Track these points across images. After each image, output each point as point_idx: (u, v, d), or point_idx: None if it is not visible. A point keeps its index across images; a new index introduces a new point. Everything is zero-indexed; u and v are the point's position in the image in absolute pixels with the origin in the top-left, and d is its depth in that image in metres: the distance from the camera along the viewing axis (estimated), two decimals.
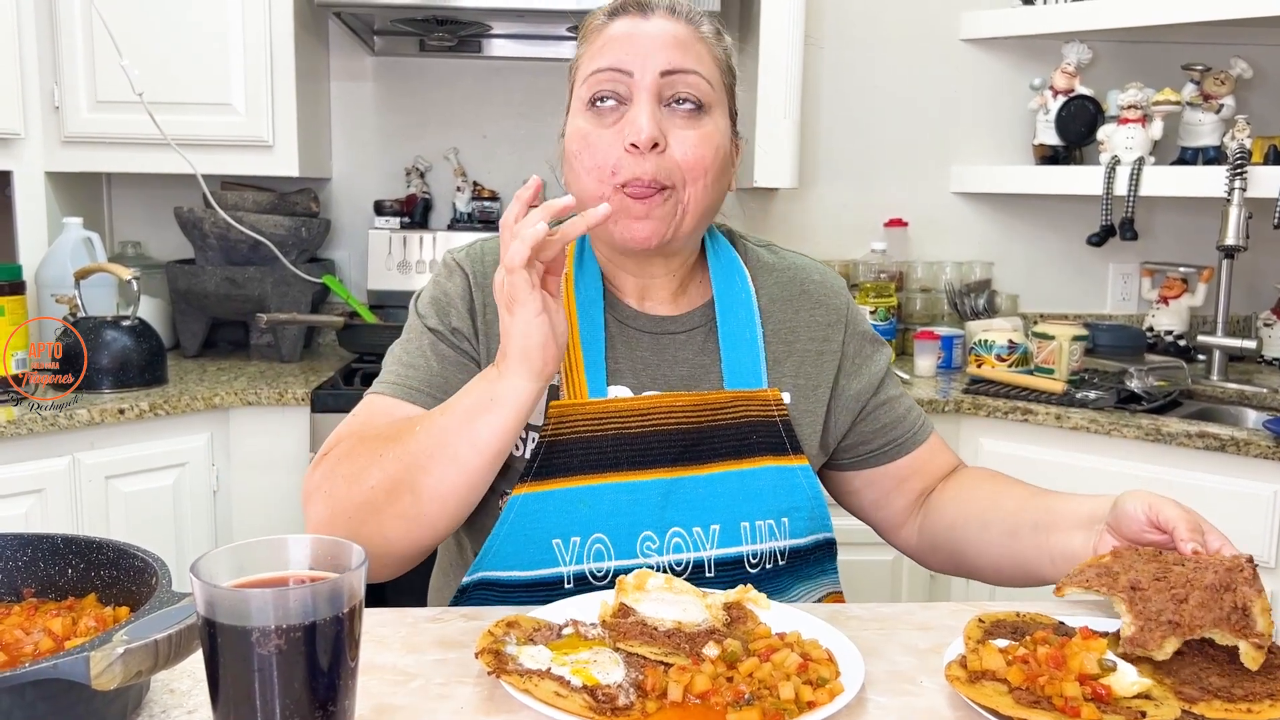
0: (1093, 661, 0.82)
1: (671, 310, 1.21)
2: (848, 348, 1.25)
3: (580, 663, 0.87)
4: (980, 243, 3.05)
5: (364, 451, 1.04)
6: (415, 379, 1.14)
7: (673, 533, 1.12)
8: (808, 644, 0.91)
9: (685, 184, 1.09)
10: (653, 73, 1.07)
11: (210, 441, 2.31)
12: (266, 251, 2.57)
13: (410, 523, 1.02)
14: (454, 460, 0.99)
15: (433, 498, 1.00)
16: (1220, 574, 0.90)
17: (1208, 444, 2.08)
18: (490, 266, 1.18)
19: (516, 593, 1.10)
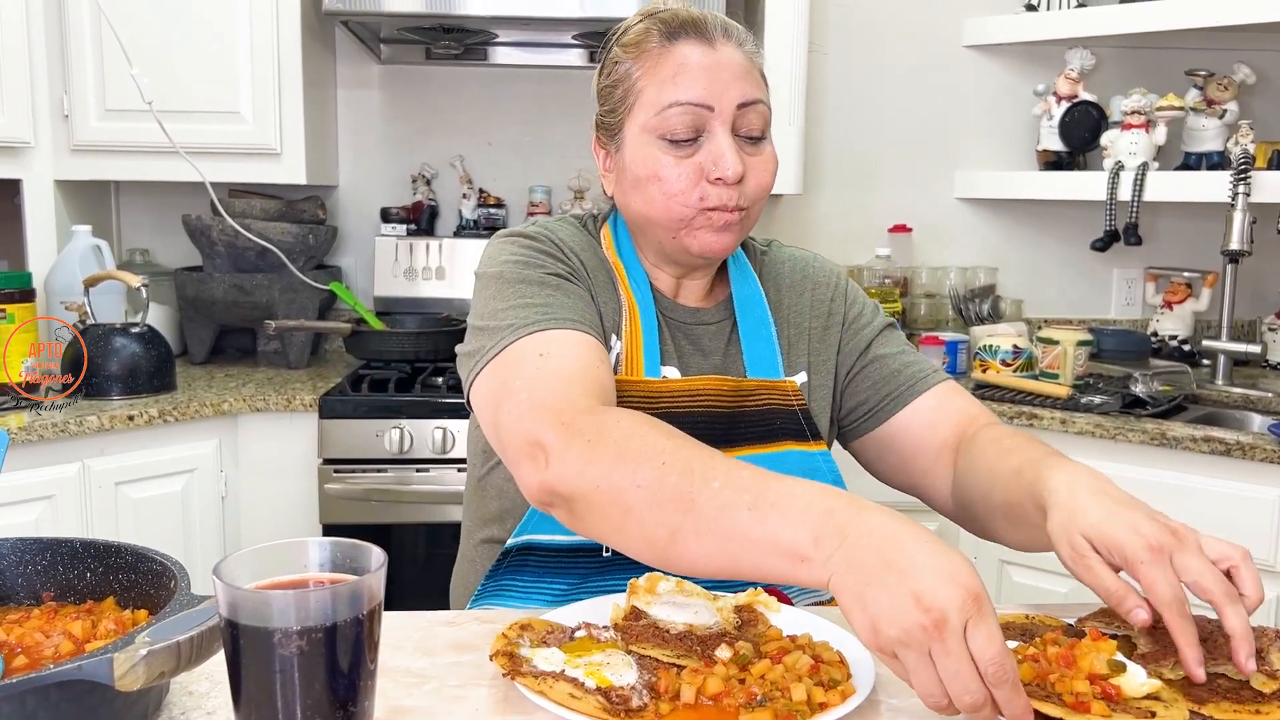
0: (1102, 662, 0.83)
1: (703, 304, 1.27)
2: (849, 313, 1.31)
3: (594, 665, 0.88)
4: (984, 248, 3.06)
5: (649, 448, 0.88)
6: (563, 310, 1.08)
7: None
8: (819, 646, 0.92)
9: (754, 204, 1.16)
10: (731, 106, 1.12)
11: (219, 448, 2.32)
12: (274, 259, 2.58)
13: (649, 549, 0.88)
14: (733, 562, 0.83)
15: (684, 554, 0.86)
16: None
17: (1213, 448, 2.09)
18: (566, 236, 1.21)
19: (556, 558, 1.14)
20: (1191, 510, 2.11)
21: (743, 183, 1.13)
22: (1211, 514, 2.09)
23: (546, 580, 1.14)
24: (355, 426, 2.28)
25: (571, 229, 1.24)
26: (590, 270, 1.20)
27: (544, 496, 0.94)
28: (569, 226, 1.25)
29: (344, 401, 2.29)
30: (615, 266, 1.22)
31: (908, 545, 0.74)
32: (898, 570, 0.73)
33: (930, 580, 0.71)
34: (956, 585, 0.71)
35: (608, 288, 1.21)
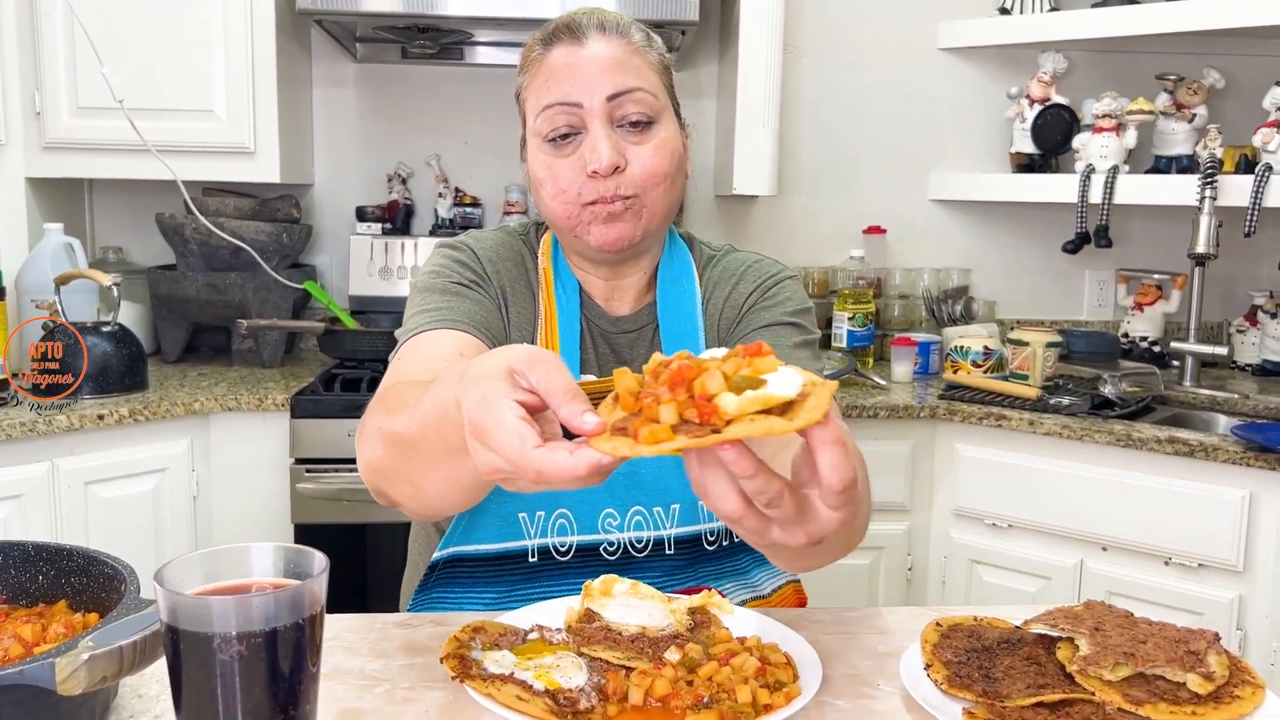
0: (715, 380, 0.65)
1: (626, 311, 1.25)
2: (758, 303, 1.23)
3: (543, 667, 0.89)
4: (958, 250, 3.08)
5: (382, 406, 0.94)
6: (452, 314, 1.12)
7: (634, 510, 1.16)
8: (767, 648, 0.93)
9: (646, 191, 1.14)
10: (599, 99, 1.11)
11: (190, 447, 2.32)
12: (248, 257, 2.58)
13: (418, 504, 0.93)
14: (452, 479, 0.86)
15: (436, 495, 0.90)
16: (1183, 632, 0.93)
17: (1177, 449, 2.11)
18: (488, 246, 1.23)
19: (483, 566, 1.14)
20: (1157, 511, 2.14)
21: (625, 172, 1.12)
22: (1177, 514, 2.12)
23: (476, 590, 1.15)
24: (327, 426, 2.28)
25: (500, 238, 1.25)
26: (508, 280, 1.21)
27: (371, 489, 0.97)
28: (498, 236, 1.25)
29: (316, 401, 2.29)
30: (545, 274, 1.22)
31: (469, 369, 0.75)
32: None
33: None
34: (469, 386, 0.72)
35: (525, 297, 1.21)
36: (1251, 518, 2.06)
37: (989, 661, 0.93)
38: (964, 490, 2.40)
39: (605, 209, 1.12)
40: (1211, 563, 2.10)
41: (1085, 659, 0.89)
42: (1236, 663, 0.91)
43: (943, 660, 0.93)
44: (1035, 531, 2.31)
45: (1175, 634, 0.92)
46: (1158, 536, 2.15)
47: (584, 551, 1.14)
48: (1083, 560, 2.25)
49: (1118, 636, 0.91)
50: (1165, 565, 2.16)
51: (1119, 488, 2.19)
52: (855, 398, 2.43)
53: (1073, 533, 2.25)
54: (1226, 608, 2.09)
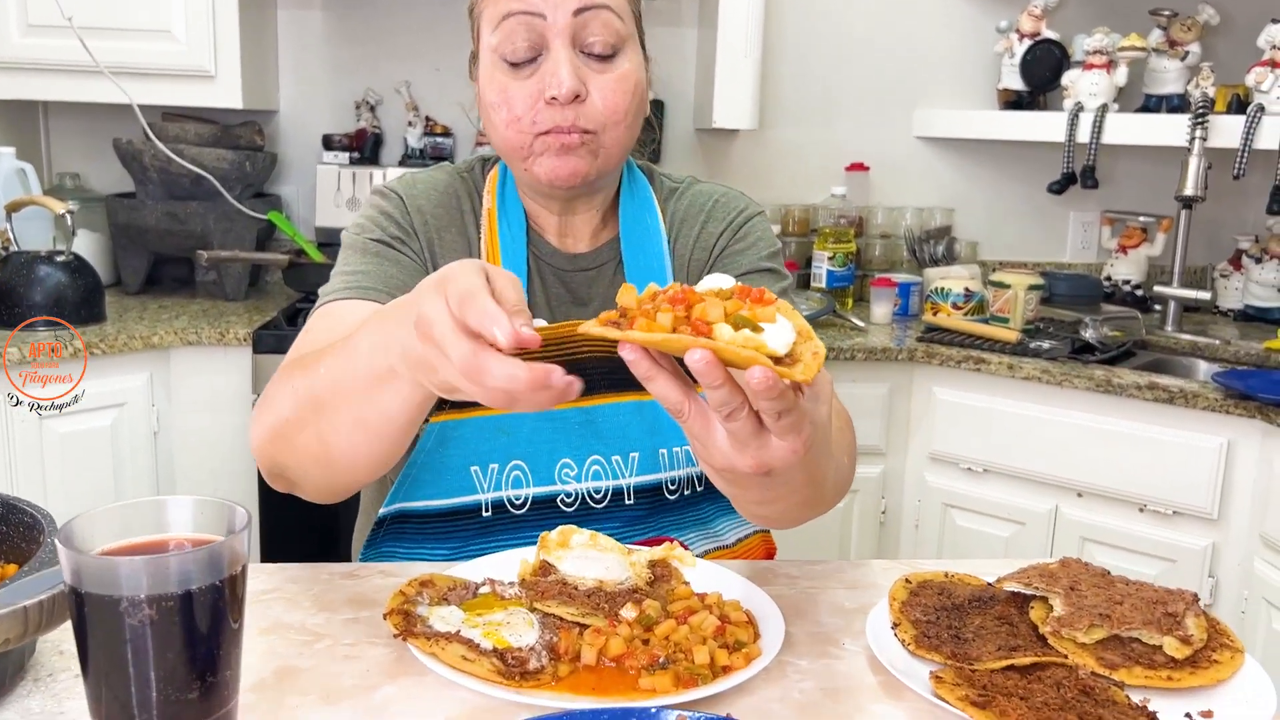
0: (716, 309, 0.66)
1: (584, 248, 1.18)
2: (730, 247, 1.18)
3: (492, 624, 0.84)
4: (942, 189, 3.02)
5: (285, 374, 0.94)
6: (367, 280, 1.07)
7: (592, 460, 1.11)
8: (728, 605, 0.89)
9: (606, 128, 1.06)
10: (565, 12, 1.03)
11: (150, 381, 2.25)
12: (209, 186, 2.49)
13: (320, 465, 0.92)
14: (362, 424, 0.86)
15: (340, 450, 0.89)
16: (1161, 593, 0.89)
17: (1157, 396, 2.08)
18: (421, 191, 1.16)
19: (433, 523, 1.09)
20: (1134, 457, 2.11)
21: (585, 103, 1.04)
22: (1154, 461, 2.09)
23: (427, 546, 1.10)
24: None
25: (437, 180, 1.17)
26: (438, 229, 1.13)
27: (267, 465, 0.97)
28: (435, 178, 1.18)
29: (278, 336, 2.23)
30: (489, 215, 1.15)
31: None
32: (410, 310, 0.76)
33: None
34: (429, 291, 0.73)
35: (459, 244, 1.14)
36: (1228, 466, 2.04)
37: (959, 621, 0.89)
38: (940, 434, 2.37)
39: (559, 140, 1.04)
40: (1186, 510, 2.08)
41: (1059, 620, 0.86)
42: (1215, 625, 0.88)
43: (911, 619, 0.89)
44: (1010, 476, 2.28)
45: (1153, 595, 0.88)
46: (1134, 483, 2.13)
47: (540, 504, 1.09)
48: (1057, 506, 2.23)
49: (1093, 597, 0.88)
50: (1140, 512, 2.14)
51: (1097, 433, 2.16)
52: (833, 339, 2.38)
53: (1048, 478, 2.23)
54: (1199, 555, 2.08)
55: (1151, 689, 0.80)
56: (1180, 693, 0.81)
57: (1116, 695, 0.78)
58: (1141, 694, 0.80)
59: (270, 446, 0.95)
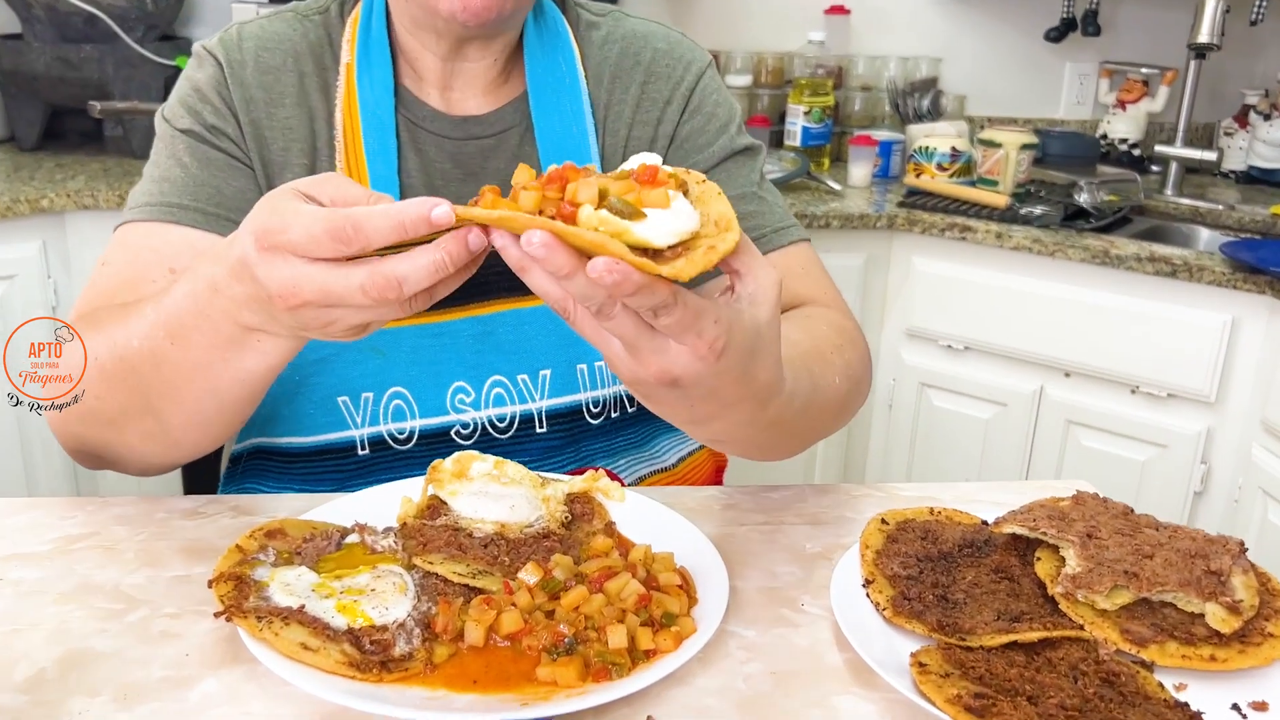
0: (588, 189, 0.56)
1: (481, 107, 0.94)
2: (681, 130, 0.97)
3: (353, 591, 0.66)
4: (929, 36, 2.74)
5: (93, 347, 0.77)
6: (173, 193, 0.87)
7: (493, 382, 0.90)
8: (658, 562, 0.70)
9: None
10: None
11: (43, 250, 2.01)
12: (105, 27, 2.19)
13: (159, 443, 0.79)
14: (213, 393, 0.72)
15: (181, 426, 0.76)
16: (1200, 542, 0.70)
17: (1159, 269, 1.89)
18: (249, 52, 0.90)
19: (300, 462, 0.89)
20: (1129, 334, 1.94)
21: None
22: (1150, 339, 1.92)
23: (294, 488, 0.90)
24: None
25: (275, 30, 0.92)
26: (266, 102, 0.89)
27: (71, 444, 0.83)
28: (273, 26, 0.92)
29: None
30: (348, 70, 0.90)
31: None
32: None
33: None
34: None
35: (302, 112, 0.90)
36: (1231, 345, 1.87)
37: (947, 575, 0.72)
38: (919, 308, 2.18)
39: None
40: (1182, 393, 1.92)
41: (1074, 579, 0.68)
42: (1267, 583, 0.70)
43: (887, 574, 0.71)
44: (993, 355, 2.11)
45: (1189, 544, 0.70)
46: (1127, 362, 1.96)
47: (430, 438, 0.89)
48: (1043, 386, 2.07)
49: (1116, 547, 0.70)
50: (1132, 394, 1.97)
51: (1089, 309, 1.98)
52: (806, 204, 2.16)
53: (1034, 356, 2.06)
54: (1193, 440, 1.93)
55: (1190, 671, 0.64)
56: (1226, 676, 0.64)
57: (1148, 684, 0.61)
58: (1177, 677, 0.63)
59: (80, 428, 0.79)
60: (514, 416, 0.90)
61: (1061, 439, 2.06)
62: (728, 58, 2.64)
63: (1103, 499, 0.76)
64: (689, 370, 0.59)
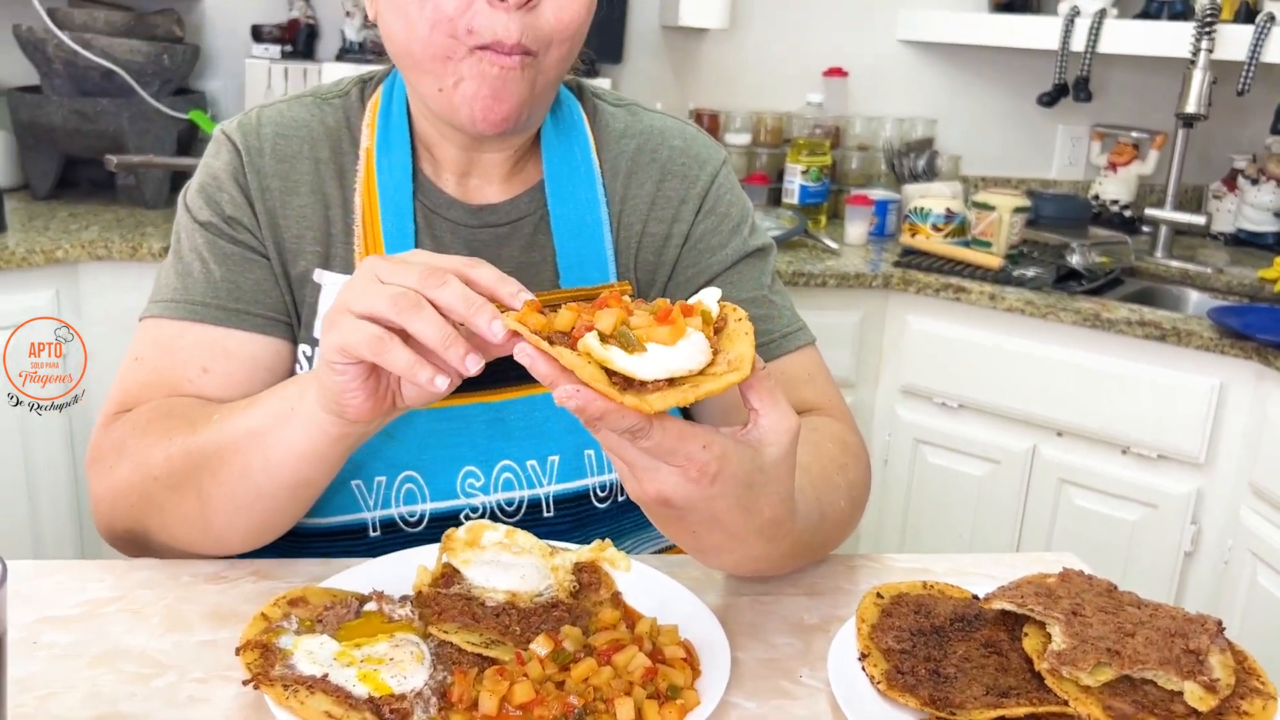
0: (607, 319, 0.62)
1: (498, 195, 0.97)
2: (696, 229, 1.00)
3: (373, 660, 0.69)
4: (924, 98, 2.81)
5: (154, 430, 0.85)
6: (198, 290, 0.91)
7: (502, 466, 0.93)
8: (663, 634, 0.74)
9: (550, 47, 0.84)
10: None
11: (57, 299, 2.05)
12: (121, 82, 2.25)
13: (198, 531, 0.83)
14: (245, 475, 0.79)
15: (223, 510, 0.81)
16: (1179, 621, 0.74)
17: (1148, 333, 1.93)
18: (267, 138, 0.94)
19: (315, 541, 0.92)
20: (1120, 396, 1.98)
21: (535, 11, 0.82)
22: (1141, 401, 1.96)
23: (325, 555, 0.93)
24: None
25: (294, 116, 0.95)
26: (282, 191, 0.93)
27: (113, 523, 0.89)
28: (292, 112, 0.95)
29: None
30: (367, 156, 0.94)
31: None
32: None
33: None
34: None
35: (318, 199, 0.93)
36: (1219, 408, 1.91)
37: (939, 649, 0.75)
38: (914, 366, 2.22)
39: (497, 62, 0.82)
40: (1172, 454, 1.96)
41: (1059, 656, 0.71)
42: (1243, 661, 0.74)
43: (882, 648, 0.74)
44: (987, 413, 2.15)
45: (1170, 624, 0.74)
46: (1118, 423, 2.00)
47: (440, 520, 0.91)
48: (1036, 445, 2.10)
49: (1099, 625, 0.73)
50: (1123, 454, 2.01)
51: (1081, 370, 2.02)
52: (803, 262, 2.21)
53: (1027, 415, 2.10)
54: (1183, 502, 1.96)
55: None
56: None
57: None
58: None
59: (125, 506, 0.84)
60: (522, 501, 0.93)
61: (1054, 498, 2.10)
62: (727, 117, 2.70)
63: (1088, 576, 0.80)
64: (679, 491, 0.64)
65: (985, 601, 0.78)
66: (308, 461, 0.77)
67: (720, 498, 0.65)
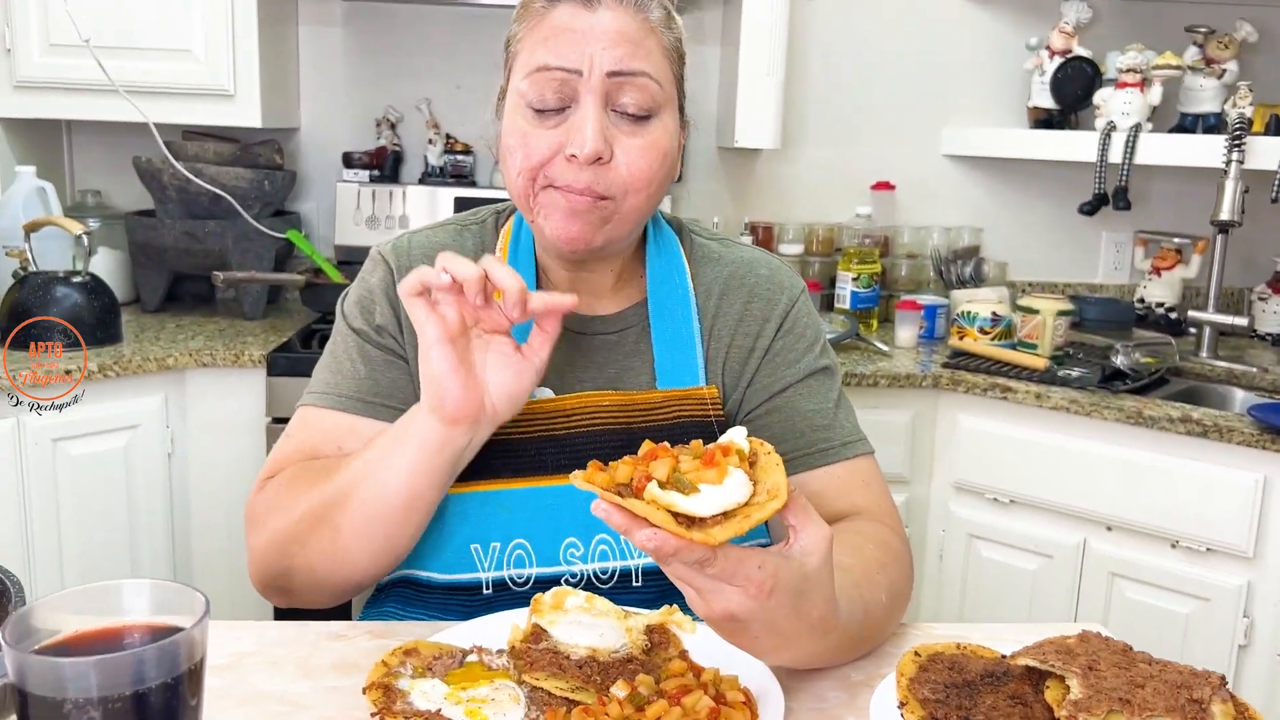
0: (662, 468, 0.74)
1: (606, 309, 1.14)
2: (775, 345, 1.14)
3: (476, 700, 0.81)
4: (970, 208, 2.96)
5: (301, 482, 1.03)
6: (345, 385, 1.08)
7: (599, 539, 1.06)
8: (725, 683, 0.85)
9: (626, 195, 1.01)
10: (599, 73, 0.98)
11: (165, 403, 2.24)
12: (228, 205, 2.48)
13: (331, 560, 0.99)
14: (366, 500, 0.96)
15: (351, 534, 0.98)
16: (1185, 675, 0.84)
17: (1190, 429, 2.01)
18: (416, 259, 1.12)
19: (434, 593, 1.05)
20: (1166, 491, 2.05)
21: (608, 166, 0.99)
22: (1187, 496, 2.03)
23: (430, 615, 1.06)
24: (304, 385, 2.19)
25: (439, 241, 1.13)
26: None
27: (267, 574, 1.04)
28: (438, 237, 1.14)
29: (292, 359, 2.21)
30: None
31: None
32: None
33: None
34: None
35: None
36: (1265, 502, 1.97)
37: (970, 700, 0.85)
38: (965, 463, 2.31)
39: (567, 199, 1.00)
40: (1221, 547, 2.01)
41: (1075, 704, 0.81)
42: (1244, 712, 0.82)
43: (919, 698, 0.84)
44: (1038, 508, 2.22)
45: (1177, 677, 0.83)
46: (1166, 518, 2.06)
47: (544, 584, 1.04)
48: (1086, 539, 2.17)
49: (1113, 678, 0.83)
50: (1172, 548, 2.07)
51: (1127, 466, 2.09)
52: (856, 364, 2.33)
53: (1077, 510, 2.17)
54: (1234, 594, 2.01)
55: None
56: None
57: None
58: None
59: (275, 551, 1.01)
60: (615, 571, 1.06)
61: (1106, 591, 2.15)
62: (781, 229, 2.86)
63: (1105, 637, 0.89)
64: (743, 607, 0.75)
65: (1011, 658, 0.87)
66: (416, 476, 0.94)
67: (777, 608, 0.76)
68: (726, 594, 0.74)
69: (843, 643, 0.89)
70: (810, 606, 0.79)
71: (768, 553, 0.75)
